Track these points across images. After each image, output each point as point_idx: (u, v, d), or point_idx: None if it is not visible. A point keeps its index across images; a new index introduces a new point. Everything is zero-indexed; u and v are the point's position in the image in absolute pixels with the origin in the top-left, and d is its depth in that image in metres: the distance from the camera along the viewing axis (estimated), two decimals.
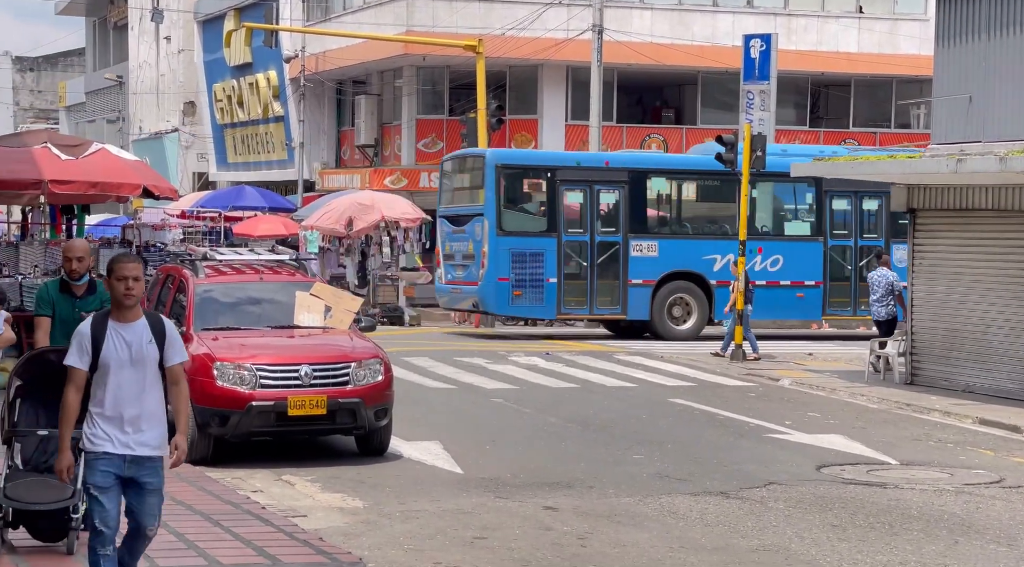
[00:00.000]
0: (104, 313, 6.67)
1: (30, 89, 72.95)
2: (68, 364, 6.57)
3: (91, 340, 6.54)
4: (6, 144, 16.87)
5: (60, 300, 8.87)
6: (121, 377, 6.50)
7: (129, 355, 6.54)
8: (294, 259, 15.08)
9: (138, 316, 6.62)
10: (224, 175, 46.55)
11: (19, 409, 7.95)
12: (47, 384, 7.92)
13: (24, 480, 7.90)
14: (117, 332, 6.56)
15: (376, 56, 34.99)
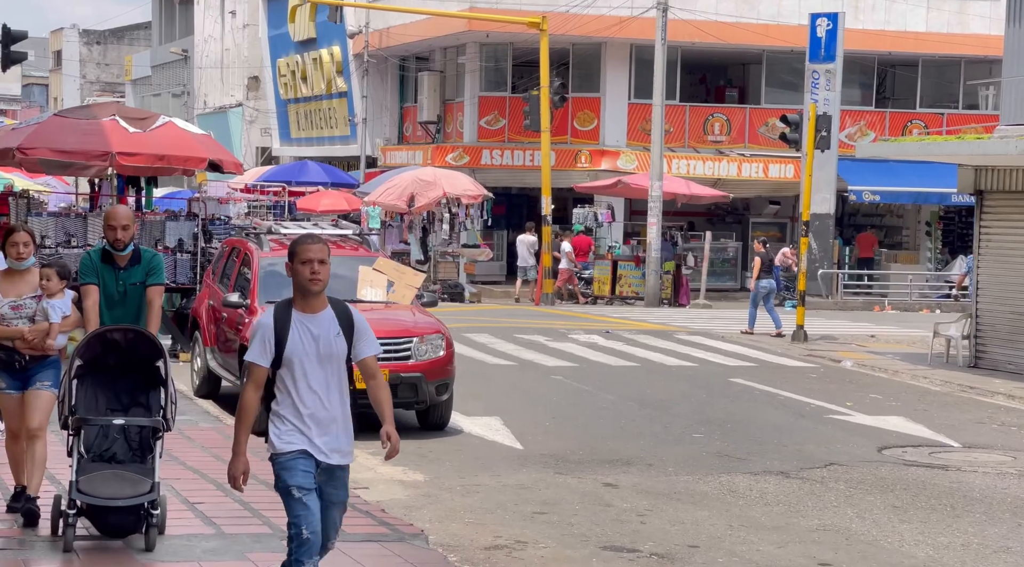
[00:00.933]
0: (286, 302, 5.86)
1: (97, 62, 73.75)
2: (249, 360, 5.84)
3: (274, 333, 5.79)
4: (76, 116, 17.11)
5: (103, 270, 8.16)
6: (309, 375, 5.83)
7: (316, 350, 5.82)
8: (357, 234, 15.18)
9: (324, 305, 5.84)
10: (287, 150, 46.84)
11: (76, 392, 7.59)
12: (108, 366, 7.68)
13: (99, 473, 7.44)
14: (303, 324, 5.81)
15: (439, 32, 35.00)
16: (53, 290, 7.99)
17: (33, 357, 7.96)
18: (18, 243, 7.99)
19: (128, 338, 7.71)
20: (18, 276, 8.07)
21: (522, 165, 34.43)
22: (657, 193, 29.72)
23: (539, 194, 30.86)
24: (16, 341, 7.92)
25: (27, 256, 8.02)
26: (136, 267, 8.18)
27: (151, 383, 7.74)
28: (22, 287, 8.04)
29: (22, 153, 15.97)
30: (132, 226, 8.18)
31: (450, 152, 34.98)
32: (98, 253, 8.24)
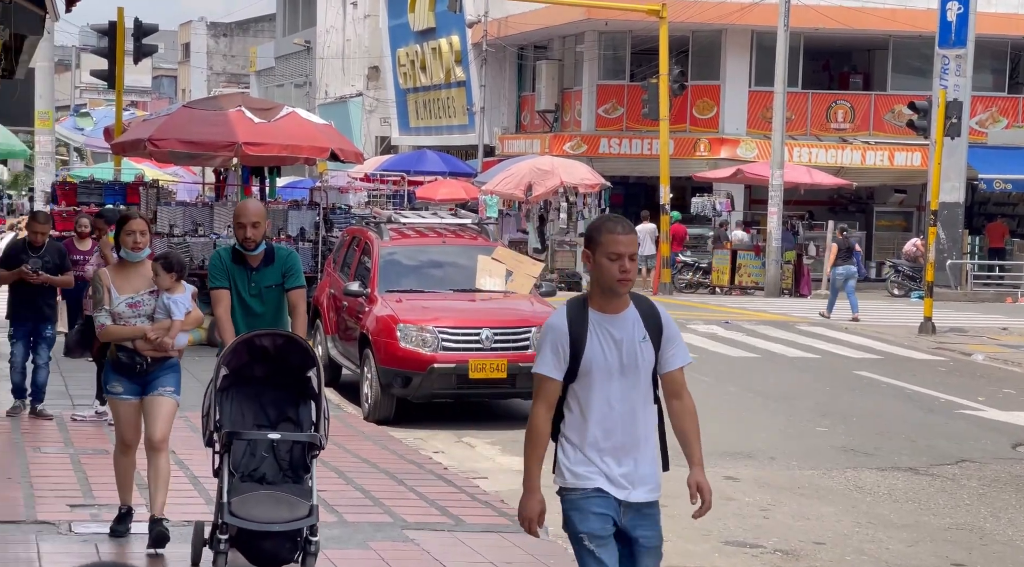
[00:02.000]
0: (580, 300, 4.80)
1: (223, 54, 75.15)
2: (539, 373, 4.75)
3: (569, 338, 4.70)
4: (203, 107, 17.40)
5: (234, 272, 7.43)
6: (609, 390, 4.76)
7: (619, 359, 4.75)
8: (475, 223, 15.19)
9: (627, 304, 4.79)
10: (405, 139, 47.19)
11: (222, 405, 6.78)
12: (254, 376, 6.89)
13: (251, 494, 6.56)
14: (603, 327, 4.75)
15: (558, 21, 34.91)
16: (165, 285, 7.32)
17: (154, 359, 7.28)
18: (134, 231, 7.30)
19: (277, 345, 6.85)
20: (132, 269, 7.38)
21: (640, 154, 34.20)
22: (778, 182, 29.28)
23: (657, 183, 30.62)
24: (136, 341, 7.23)
25: (143, 246, 7.34)
26: (270, 267, 7.46)
27: (301, 395, 6.90)
28: (138, 282, 7.35)
29: (153, 144, 16.29)
30: (263, 223, 7.41)
31: (568, 141, 34.88)
32: (228, 252, 7.52)
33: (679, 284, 29.70)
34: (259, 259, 7.48)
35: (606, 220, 4.79)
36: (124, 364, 7.26)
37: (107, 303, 7.26)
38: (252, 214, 7.46)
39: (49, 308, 11.26)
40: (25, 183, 47.48)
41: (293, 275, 7.48)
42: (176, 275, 7.33)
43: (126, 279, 7.34)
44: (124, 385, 7.28)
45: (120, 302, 7.27)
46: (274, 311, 7.49)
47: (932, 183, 22.13)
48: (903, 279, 29.93)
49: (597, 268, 4.72)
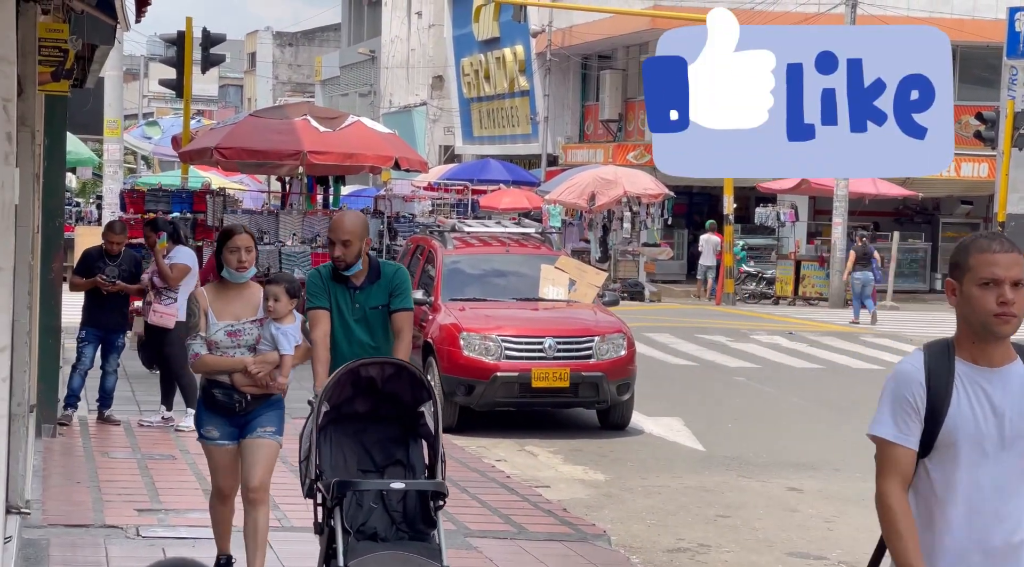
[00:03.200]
0: (943, 345, 3.64)
1: (288, 63, 75.88)
2: (877, 435, 3.70)
3: (926, 394, 3.58)
4: (270, 116, 17.60)
5: (335, 291, 6.51)
6: (980, 473, 3.56)
7: (998, 431, 3.56)
8: (539, 232, 15.24)
9: (1012, 356, 3.60)
10: (469, 148, 47.38)
11: (320, 446, 5.87)
12: (356, 413, 6.00)
13: (372, 556, 5.60)
14: (975, 384, 3.58)
15: (622, 31, 34.92)
16: (282, 313, 6.38)
17: (254, 397, 6.40)
18: (239, 248, 6.41)
19: (386, 375, 5.93)
20: (234, 292, 6.49)
21: None
22: (843, 192, 29.07)
23: (720, 193, 30.50)
24: (234, 375, 6.37)
25: (249, 265, 6.46)
26: (376, 286, 6.53)
27: (411, 433, 6.01)
28: (239, 307, 6.45)
29: (220, 153, 16.50)
30: (357, 241, 6.41)
31: (631, 150, 34.85)
32: (328, 270, 6.60)
33: (742, 295, 29.56)
34: (362, 276, 6.52)
35: (977, 238, 3.62)
36: (219, 402, 6.40)
37: (203, 329, 6.38)
38: (344, 230, 6.41)
39: (122, 317, 11.44)
40: (93, 191, 48.22)
41: (401, 295, 6.54)
42: (297, 302, 6.49)
43: (226, 303, 6.45)
44: (220, 428, 6.42)
45: (218, 329, 6.38)
46: (381, 336, 6.54)
47: (999, 194, 21.90)
48: None
49: (965, 301, 3.56)
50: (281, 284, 6.46)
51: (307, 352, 6.48)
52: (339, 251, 6.45)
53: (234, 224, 7.22)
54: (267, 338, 6.41)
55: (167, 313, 11.06)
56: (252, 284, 6.56)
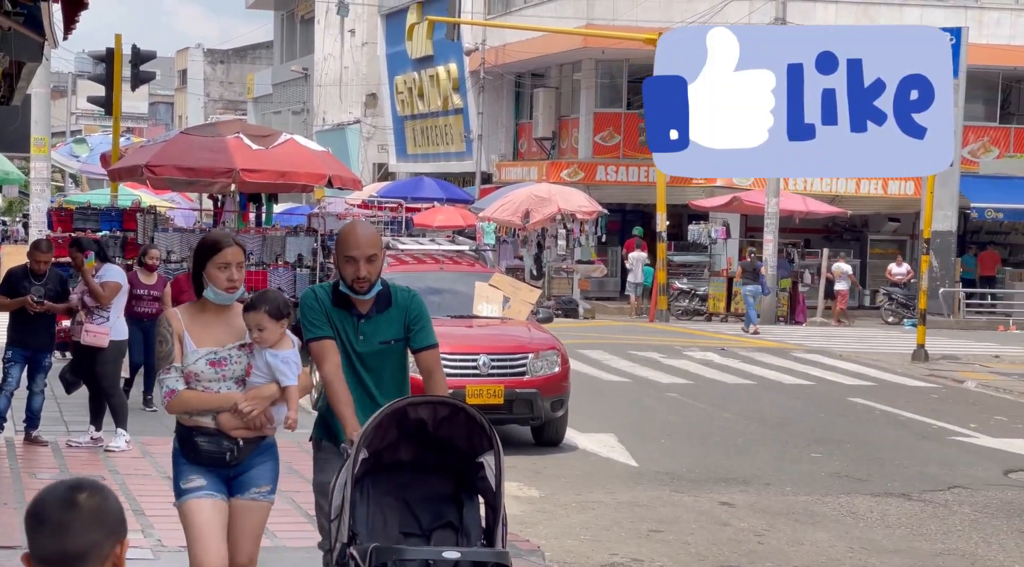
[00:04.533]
0: None
1: (220, 81, 75.43)
2: None
3: None
4: (201, 133, 17.50)
5: (337, 319, 5.36)
6: None
7: None
8: (473, 250, 15.28)
9: None
10: (403, 166, 47.36)
11: (355, 503, 4.81)
12: (401, 460, 4.91)
13: None
14: None
15: (555, 49, 35.14)
16: (272, 339, 5.24)
17: (247, 441, 5.23)
18: (230, 264, 5.21)
19: (439, 417, 4.80)
20: (215, 314, 5.28)
21: (637, 181, 34.35)
22: (773, 210, 29.42)
23: (654, 211, 30.74)
24: (221, 416, 5.17)
25: (240, 285, 5.28)
26: (386, 315, 5.40)
27: (465, 489, 4.95)
28: (221, 331, 5.27)
29: (150, 171, 16.38)
30: (381, 256, 5.35)
31: (565, 168, 35.02)
32: (327, 292, 5.41)
33: (675, 311, 29.79)
34: (370, 303, 5.38)
35: None
36: (205, 452, 5.16)
37: (179, 359, 5.18)
38: (366, 243, 5.31)
39: (49, 336, 11.28)
40: (19, 209, 47.57)
41: (422, 329, 5.43)
42: (286, 323, 5.28)
43: (205, 326, 5.25)
44: (207, 478, 5.18)
45: (199, 358, 5.19)
46: (389, 378, 5.45)
47: (925, 212, 22.26)
48: (896, 307, 30.05)
49: None
50: (260, 309, 5.19)
51: (307, 384, 5.52)
52: (364, 269, 5.26)
53: (220, 233, 5.77)
54: (260, 368, 5.25)
55: (100, 332, 10.96)
56: (234, 305, 5.34)
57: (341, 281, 5.39)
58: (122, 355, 11.44)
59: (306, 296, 5.45)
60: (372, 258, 5.31)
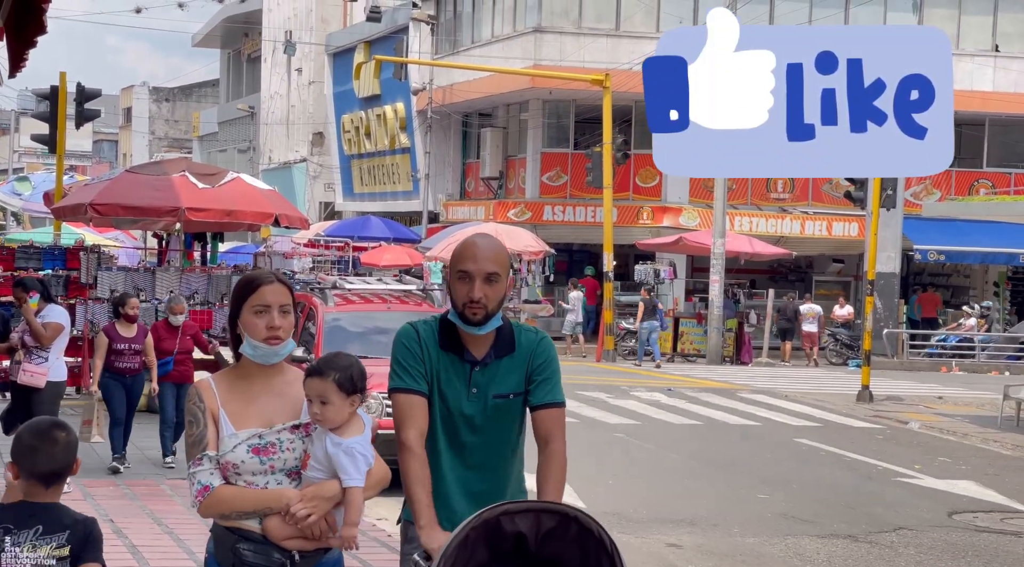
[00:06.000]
0: None
1: (165, 118, 75.06)
2: None
3: None
4: (147, 172, 17.37)
5: (442, 366, 4.19)
6: None
7: None
8: (421, 289, 15.24)
9: None
10: (350, 205, 47.27)
11: None
12: None
13: None
14: None
15: (503, 89, 35.32)
16: (338, 419, 3.97)
17: (304, 555, 3.99)
18: (270, 307, 3.99)
19: (544, 530, 3.70)
20: (260, 380, 4.04)
21: (584, 221, 34.49)
22: (720, 250, 29.63)
23: (601, 250, 30.88)
24: (269, 520, 3.93)
25: (286, 335, 4.02)
26: (508, 361, 4.22)
27: None
28: (269, 405, 4.02)
29: (94, 209, 16.22)
30: (506, 277, 4.21)
31: (512, 208, 35.11)
32: (434, 330, 4.23)
33: (622, 351, 29.85)
34: (487, 345, 4.22)
35: None
36: (250, 566, 3.96)
37: (213, 445, 3.97)
38: (486, 257, 4.15)
39: None
40: None
41: (548, 379, 4.25)
42: (358, 400, 4.03)
43: (248, 399, 4.01)
44: None
45: (239, 444, 3.96)
46: (503, 446, 4.28)
47: (869, 253, 22.50)
48: (841, 347, 30.30)
49: None
50: (328, 375, 3.97)
51: (384, 478, 4.13)
52: (479, 290, 4.11)
53: (257, 271, 4.55)
54: (319, 459, 3.98)
55: (37, 372, 10.82)
56: (287, 368, 4.11)
57: (451, 309, 4.21)
58: (59, 397, 11.26)
59: (404, 334, 4.24)
60: (492, 278, 4.14)
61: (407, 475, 4.14)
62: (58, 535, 3.88)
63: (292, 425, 4.02)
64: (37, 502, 3.91)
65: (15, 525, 3.88)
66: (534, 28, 34.43)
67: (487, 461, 4.25)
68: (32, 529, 3.88)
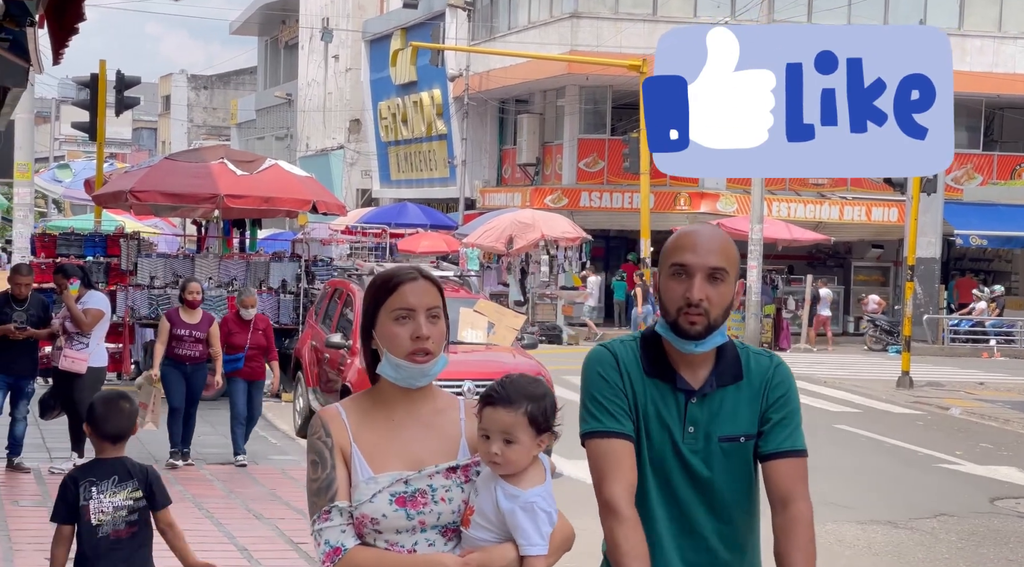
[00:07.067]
0: None
1: (203, 106, 75.43)
2: None
3: None
4: (185, 159, 17.48)
5: (648, 397, 3.33)
6: None
7: None
8: (458, 275, 15.26)
9: None
10: (387, 192, 47.36)
11: None
12: None
13: None
14: None
15: (539, 75, 35.24)
16: (520, 463, 3.10)
17: None
18: (415, 311, 3.11)
19: None
20: (403, 408, 3.14)
21: (621, 207, 34.41)
22: (757, 236, 29.48)
23: (638, 236, 30.79)
24: None
25: (437, 350, 3.11)
26: (734, 391, 3.32)
27: None
28: (416, 440, 3.13)
29: (134, 196, 16.33)
30: (733, 275, 3.26)
31: (549, 194, 35.07)
32: (635, 351, 3.34)
33: None
34: (706, 369, 3.30)
35: None
36: None
37: (344, 494, 3.06)
38: (708, 249, 3.24)
39: (31, 362, 11.18)
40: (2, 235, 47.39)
41: (786, 421, 3.35)
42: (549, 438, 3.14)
43: (389, 434, 3.11)
44: None
45: (379, 492, 3.05)
46: (732, 507, 3.35)
47: (909, 238, 22.33)
48: (880, 333, 30.11)
49: None
50: (518, 405, 3.05)
51: (569, 537, 3.20)
52: (700, 290, 3.18)
53: (396, 267, 3.26)
54: (486, 514, 3.03)
55: (78, 358, 10.89)
56: (436, 392, 3.19)
57: (660, 320, 3.30)
58: (100, 382, 11.30)
59: (597, 358, 3.34)
60: (718, 275, 3.20)
61: (617, 548, 3.18)
62: (130, 482, 5.04)
63: (447, 467, 3.05)
64: (108, 457, 5.08)
65: (97, 477, 5.02)
66: (571, 14, 34.33)
67: (713, 525, 3.30)
68: (110, 479, 5.01)
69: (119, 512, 5.01)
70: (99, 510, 4.95)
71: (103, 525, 4.95)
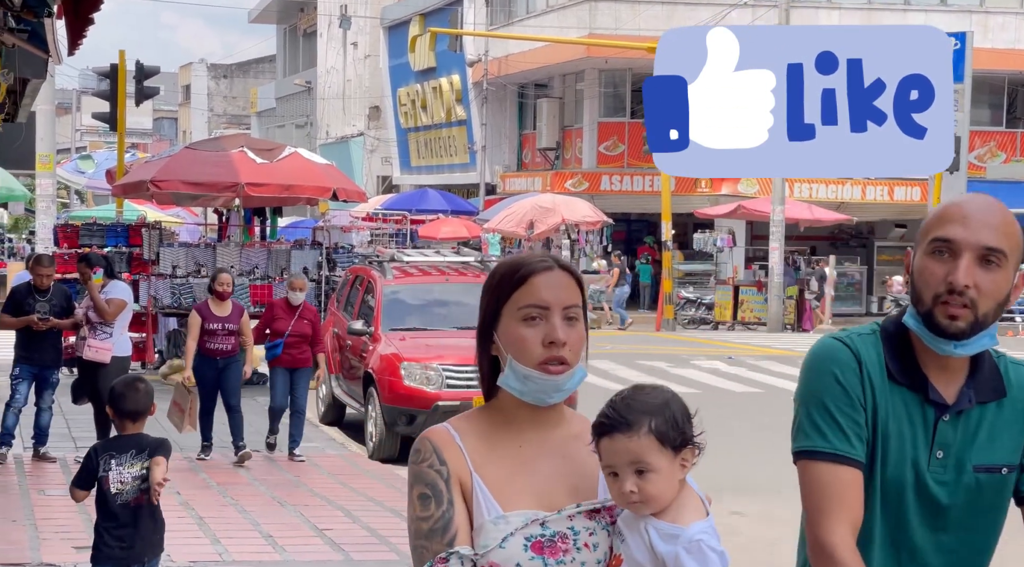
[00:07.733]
0: None
1: (223, 95, 75.56)
2: None
3: None
4: (206, 148, 17.52)
5: (891, 412, 2.61)
6: None
7: None
8: (479, 261, 15.26)
9: None
10: (407, 178, 47.38)
11: None
12: None
13: None
14: None
15: (558, 59, 35.16)
16: (664, 497, 2.51)
17: None
18: (549, 309, 2.49)
19: None
20: (531, 428, 2.53)
21: (641, 191, 34.34)
22: (779, 217, 29.38)
23: (659, 220, 30.73)
24: None
25: (574, 359, 2.53)
26: (995, 410, 2.67)
27: None
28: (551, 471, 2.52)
29: (155, 186, 16.38)
30: (1014, 267, 2.65)
31: (569, 178, 35.02)
32: (875, 349, 2.67)
33: (682, 320, 29.75)
34: (961, 375, 2.68)
35: None
36: None
37: (465, 537, 2.44)
38: (987, 223, 2.68)
39: (56, 352, 11.23)
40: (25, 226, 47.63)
41: None
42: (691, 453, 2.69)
43: (517, 462, 2.51)
44: None
45: (510, 535, 2.43)
46: (978, 555, 2.74)
47: None
48: None
49: None
50: (639, 425, 2.56)
51: None
52: (965, 275, 2.59)
53: (529, 253, 2.62)
54: (639, 563, 2.48)
55: (102, 347, 10.92)
56: (569, 413, 2.68)
57: (910, 308, 2.66)
58: (125, 372, 11.31)
59: (830, 355, 2.67)
60: (992, 258, 2.59)
61: None
62: (144, 454, 5.63)
63: (592, 507, 2.49)
64: (126, 434, 5.69)
65: (116, 451, 5.63)
66: None
67: None
68: (127, 452, 5.62)
69: (135, 481, 5.64)
70: (118, 480, 5.61)
71: (121, 493, 5.61)
